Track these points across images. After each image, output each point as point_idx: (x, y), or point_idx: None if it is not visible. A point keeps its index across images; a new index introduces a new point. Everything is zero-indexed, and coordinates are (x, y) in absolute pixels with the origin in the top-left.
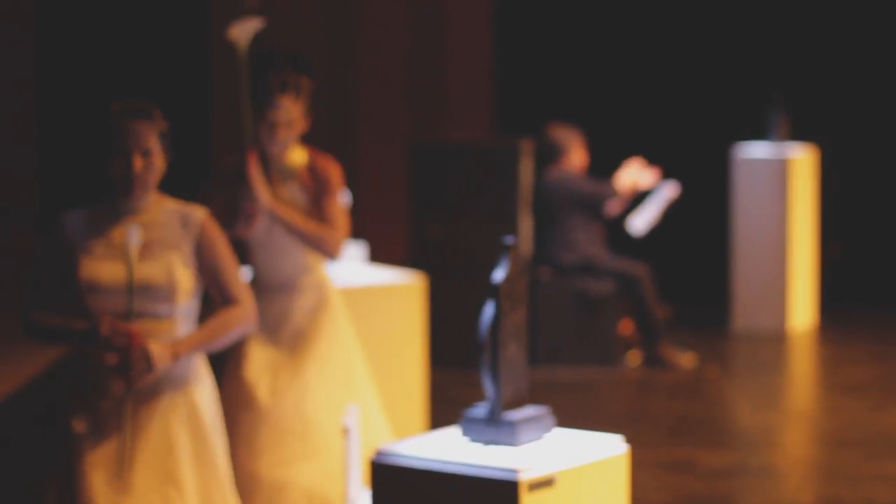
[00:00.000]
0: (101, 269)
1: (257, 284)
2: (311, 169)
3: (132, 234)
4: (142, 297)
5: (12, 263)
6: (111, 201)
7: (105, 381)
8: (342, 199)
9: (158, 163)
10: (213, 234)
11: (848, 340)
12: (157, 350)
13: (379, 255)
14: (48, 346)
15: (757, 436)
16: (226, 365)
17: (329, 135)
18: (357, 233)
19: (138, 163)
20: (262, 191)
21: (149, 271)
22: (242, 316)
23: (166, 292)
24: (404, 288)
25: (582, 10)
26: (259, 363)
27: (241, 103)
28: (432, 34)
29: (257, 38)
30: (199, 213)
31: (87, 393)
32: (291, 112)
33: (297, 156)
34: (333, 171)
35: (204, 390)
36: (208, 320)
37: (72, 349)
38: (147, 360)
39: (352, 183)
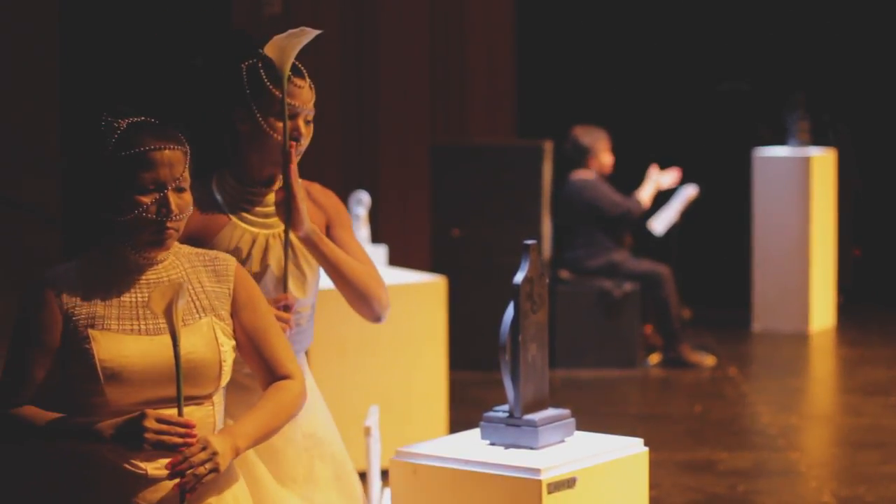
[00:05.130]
0: (126, 347)
1: None
2: (311, 199)
3: (179, 297)
4: (184, 379)
5: (40, 263)
6: (113, 252)
7: (142, 489)
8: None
9: (191, 201)
10: (251, 288)
11: (868, 341)
12: (219, 444)
13: (399, 256)
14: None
15: (777, 437)
16: None
17: (350, 137)
18: (378, 235)
19: (174, 202)
20: (303, 211)
21: (189, 345)
22: (300, 395)
23: (213, 371)
24: (425, 289)
25: (603, 13)
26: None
27: (281, 117)
28: (453, 37)
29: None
30: (229, 261)
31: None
32: (311, 103)
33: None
34: (336, 198)
35: (244, 487)
36: (262, 402)
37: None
38: (212, 458)
39: (373, 185)
